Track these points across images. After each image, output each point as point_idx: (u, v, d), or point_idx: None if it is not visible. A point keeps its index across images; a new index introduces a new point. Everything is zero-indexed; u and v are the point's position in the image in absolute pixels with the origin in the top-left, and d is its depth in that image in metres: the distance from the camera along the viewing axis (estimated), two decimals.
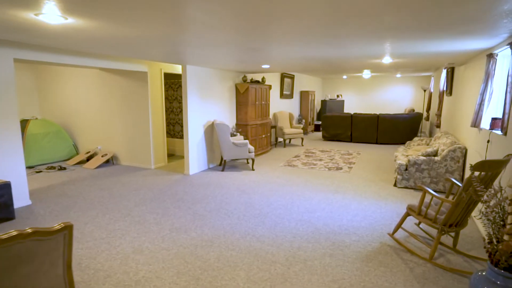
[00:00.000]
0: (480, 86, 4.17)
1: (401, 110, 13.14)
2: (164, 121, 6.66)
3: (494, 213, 2.05)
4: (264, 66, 6.37)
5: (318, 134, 12.00)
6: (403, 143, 9.57)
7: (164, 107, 6.62)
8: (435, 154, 4.96)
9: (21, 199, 4.24)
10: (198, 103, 6.13)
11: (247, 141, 6.20)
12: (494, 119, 3.43)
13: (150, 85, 6.22)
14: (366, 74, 9.71)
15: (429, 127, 9.99)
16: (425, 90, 10.10)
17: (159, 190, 4.95)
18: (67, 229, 1.53)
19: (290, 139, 9.62)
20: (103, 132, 6.92)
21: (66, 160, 7.12)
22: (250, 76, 8.26)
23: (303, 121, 11.08)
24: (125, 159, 6.75)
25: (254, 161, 6.36)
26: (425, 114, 11.45)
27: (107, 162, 6.86)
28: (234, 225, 3.65)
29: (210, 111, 6.56)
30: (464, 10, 2.19)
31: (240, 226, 3.63)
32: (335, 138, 10.23)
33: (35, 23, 2.61)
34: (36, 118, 6.98)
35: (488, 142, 3.60)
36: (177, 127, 8.00)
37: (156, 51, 4.21)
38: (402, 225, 3.63)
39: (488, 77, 3.58)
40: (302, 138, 9.31)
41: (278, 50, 4.13)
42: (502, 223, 2.02)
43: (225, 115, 7.11)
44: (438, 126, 7.11)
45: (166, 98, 8.03)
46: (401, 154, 5.70)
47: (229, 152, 6.16)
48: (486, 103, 3.67)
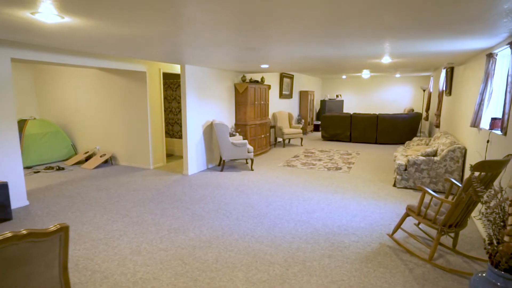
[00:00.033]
0: (479, 86, 4.15)
1: (400, 110, 13.14)
2: (163, 121, 6.63)
3: (495, 214, 2.03)
4: (263, 66, 6.35)
5: (318, 134, 11.98)
6: (403, 143, 9.56)
7: (163, 107, 6.60)
8: (435, 154, 4.95)
9: (18, 200, 4.22)
10: (197, 103, 6.11)
11: (246, 141, 6.19)
12: (493, 119, 3.42)
13: (148, 85, 6.20)
14: (366, 74, 9.70)
15: (428, 127, 9.99)
16: (424, 90, 10.09)
17: (158, 191, 4.93)
18: (63, 230, 1.52)
19: (289, 139, 9.60)
20: (102, 132, 6.90)
21: (65, 160, 7.10)
22: (249, 76, 8.24)
23: (302, 121, 11.06)
24: (123, 159, 6.73)
25: (253, 161, 6.34)
26: (424, 114, 11.44)
27: (106, 162, 6.83)
28: (233, 225, 3.63)
29: (209, 111, 6.54)
30: (464, 9, 2.18)
31: (238, 226, 3.61)
32: (334, 138, 10.22)
33: (32, 22, 2.59)
34: (34, 118, 6.95)
35: (487, 142, 3.58)
36: (176, 127, 7.98)
37: (154, 51, 4.19)
38: (402, 225, 3.62)
39: (487, 77, 3.57)
40: (301, 138, 9.30)
41: (278, 50, 4.12)
42: (503, 224, 2.00)
43: (224, 115, 7.09)
44: (438, 126, 7.10)
45: (165, 98, 8.00)
46: (400, 154, 5.69)
47: (228, 152, 6.14)
48: (485, 103, 3.66)
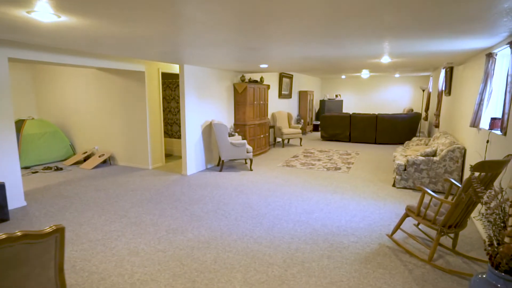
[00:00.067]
0: (479, 85, 4.14)
1: (399, 110, 13.13)
2: (161, 121, 6.61)
3: (495, 214, 2.02)
4: (262, 66, 6.33)
5: (317, 134, 11.97)
6: (402, 143, 9.55)
7: (161, 107, 6.58)
8: (434, 154, 4.94)
9: (16, 200, 4.19)
10: (196, 103, 6.09)
11: (245, 141, 6.17)
12: (493, 119, 3.40)
13: (147, 84, 6.18)
14: (365, 74, 9.69)
15: (427, 127, 9.98)
16: (423, 90, 10.08)
17: (156, 191, 4.91)
18: (59, 231, 1.50)
19: (288, 139, 9.58)
20: (100, 132, 6.87)
21: (63, 160, 7.07)
22: (248, 75, 8.22)
23: (302, 121, 11.04)
24: (122, 159, 6.71)
25: (252, 161, 6.32)
26: (423, 114, 11.43)
27: (104, 162, 6.81)
28: (232, 226, 3.62)
29: (208, 111, 6.52)
30: (464, 9, 2.16)
31: (237, 227, 3.59)
32: (334, 138, 10.21)
33: (28, 21, 2.56)
34: (32, 118, 6.92)
35: (487, 142, 3.57)
36: (175, 127, 7.96)
37: (153, 51, 4.17)
38: (401, 226, 3.60)
39: (487, 76, 3.56)
40: (301, 138, 9.28)
41: (277, 50, 4.10)
42: (503, 225, 1.99)
43: (223, 115, 7.07)
44: (437, 126, 7.09)
45: (164, 98, 7.98)
46: (400, 154, 5.67)
47: (227, 152, 6.12)
48: (485, 103, 3.64)
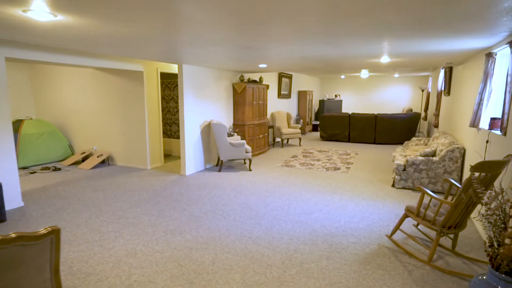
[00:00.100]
0: (478, 85, 4.13)
1: (399, 110, 13.12)
2: (160, 121, 6.59)
3: (495, 215, 2.00)
4: (261, 66, 6.31)
5: (316, 134, 11.95)
6: (401, 143, 9.54)
7: (160, 107, 6.55)
8: (433, 154, 4.92)
9: (13, 201, 4.16)
10: (194, 103, 6.07)
11: (244, 141, 6.15)
12: (493, 119, 3.39)
13: (146, 84, 6.15)
14: (364, 74, 9.67)
15: (427, 127, 9.97)
16: (423, 90, 10.07)
17: (155, 191, 4.89)
18: (54, 233, 1.48)
19: (287, 139, 9.56)
20: (99, 132, 6.84)
21: (61, 160, 7.04)
22: (247, 75, 8.20)
23: (301, 121, 11.03)
24: (121, 160, 6.68)
25: (251, 161, 6.30)
26: (423, 114, 11.42)
27: (103, 162, 6.78)
28: (230, 226, 3.59)
29: (207, 111, 6.50)
30: (464, 8, 2.15)
31: (236, 227, 3.57)
32: (333, 138, 10.19)
33: (24, 20, 2.54)
34: (30, 118, 6.89)
35: (487, 142, 3.56)
36: (173, 127, 7.93)
37: (152, 50, 4.14)
38: (401, 226, 3.58)
39: (487, 76, 3.54)
40: (300, 138, 9.26)
41: (276, 50, 4.08)
42: (503, 226, 1.97)
43: (222, 115, 7.04)
44: (436, 126, 7.08)
45: (162, 97, 7.96)
46: (399, 154, 5.66)
47: (226, 152, 6.10)
48: (485, 103, 3.63)
